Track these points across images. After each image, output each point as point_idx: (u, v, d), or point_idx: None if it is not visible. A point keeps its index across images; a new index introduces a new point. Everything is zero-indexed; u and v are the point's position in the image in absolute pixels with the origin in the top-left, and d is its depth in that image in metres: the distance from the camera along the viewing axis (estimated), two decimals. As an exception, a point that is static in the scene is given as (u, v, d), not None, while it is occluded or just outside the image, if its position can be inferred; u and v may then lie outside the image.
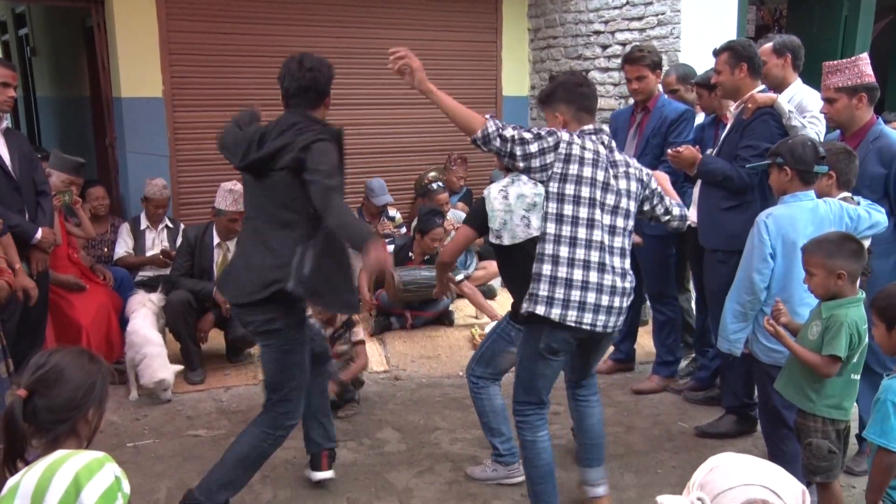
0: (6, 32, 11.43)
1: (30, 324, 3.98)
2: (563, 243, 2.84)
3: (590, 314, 2.86)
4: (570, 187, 2.83)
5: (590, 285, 2.84)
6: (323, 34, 6.78)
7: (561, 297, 2.83)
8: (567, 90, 3.00)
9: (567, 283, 2.83)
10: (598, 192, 2.85)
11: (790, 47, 4.10)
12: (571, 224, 2.84)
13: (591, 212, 2.84)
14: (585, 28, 7.01)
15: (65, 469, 1.56)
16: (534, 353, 2.97)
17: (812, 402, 2.82)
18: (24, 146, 4.03)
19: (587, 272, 2.84)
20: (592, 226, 2.84)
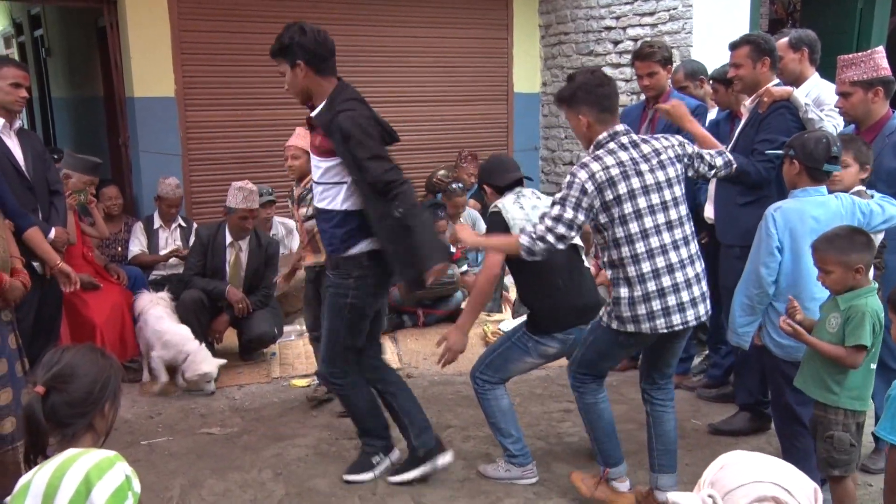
0: (22, 34, 11.52)
1: (44, 323, 4.01)
2: (635, 262, 2.92)
3: (676, 315, 2.95)
4: (615, 210, 2.90)
5: (667, 290, 2.93)
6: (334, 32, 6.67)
7: (645, 311, 2.94)
8: (588, 91, 2.98)
9: (645, 297, 2.93)
10: (641, 201, 2.90)
11: (807, 41, 4.07)
12: (638, 240, 2.91)
13: (642, 222, 2.91)
14: (597, 24, 6.98)
15: (76, 468, 1.57)
16: (611, 343, 3.09)
17: (835, 395, 2.81)
18: (38, 146, 4.06)
19: (660, 279, 2.93)
20: (650, 234, 2.92)
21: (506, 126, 7.77)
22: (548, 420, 4.18)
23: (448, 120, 7.43)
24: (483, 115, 7.67)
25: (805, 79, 4.06)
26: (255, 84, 6.32)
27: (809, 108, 3.70)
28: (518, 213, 3.42)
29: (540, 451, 3.76)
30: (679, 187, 3.00)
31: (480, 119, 7.66)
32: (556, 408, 4.33)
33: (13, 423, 3.09)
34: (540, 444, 3.87)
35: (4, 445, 3.10)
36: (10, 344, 3.17)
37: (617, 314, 2.99)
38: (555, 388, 4.51)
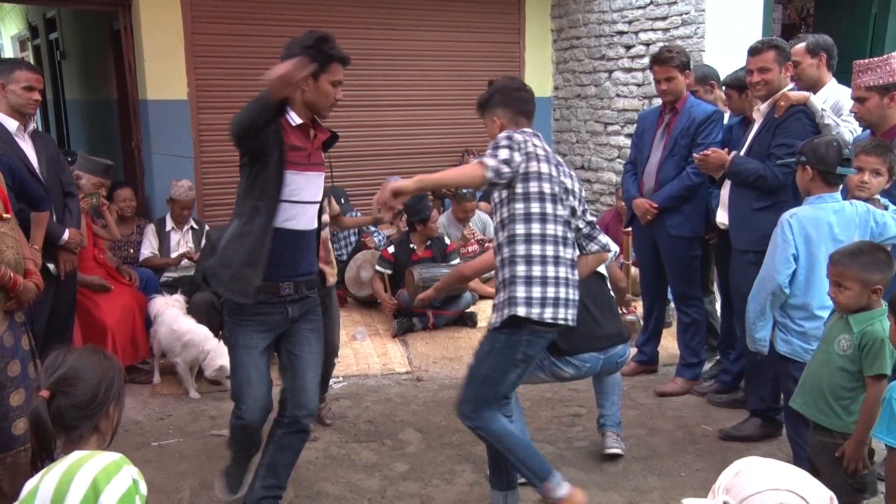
0: (37, 37, 11.62)
1: (57, 324, 4.03)
2: (534, 241, 2.85)
3: (562, 309, 2.88)
4: (533, 185, 2.84)
5: (559, 280, 2.86)
6: (346, 36, 6.79)
7: (539, 295, 2.83)
8: (505, 94, 3.02)
9: (542, 280, 2.84)
10: (554, 187, 2.88)
11: (824, 47, 4.07)
12: (539, 221, 2.85)
13: (554, 207, 2.88)
14: (609, 28, 6.97)
15: (83, 472, 1.58)
16: (508, 362, 2.91)
17: (842, 420, 2.71)
18: (51, 148, 4.08)
19: (553, 267, 2.86)
20: (555, 220, 2.88)
21: (517, 130, 7.76)
22: (557, 424, 4.17)
23: (460, 123, 7.44)
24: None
25: (823, 84, 4.05)
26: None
27: (826, 114, 3.69)
28: None
29: (549, 456, 3.74)
30: (575, 201, 2.98)
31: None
32: (565, 412, 4.32)
33: (25, 424, 3.11)
34: (549, 449, 3.86)
35: (17, 446, 3.12)
36: (24, 345, 3.18)
37: (511, 295, 2.85)
38: (564, 392, 4.50)
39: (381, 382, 4.80)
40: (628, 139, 6.41)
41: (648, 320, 4.81)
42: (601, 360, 3.42)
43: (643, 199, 4.47)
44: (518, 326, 2.86)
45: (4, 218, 3.12)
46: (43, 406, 1.70)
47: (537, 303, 2.82)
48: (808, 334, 3.10)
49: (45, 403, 1.71)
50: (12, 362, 3.09)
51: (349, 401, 4.50)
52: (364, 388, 4.71)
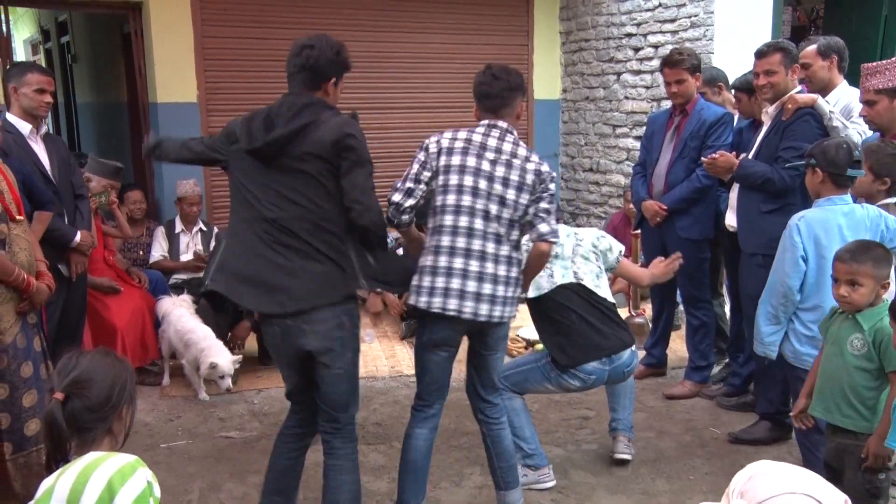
0: (49, 40, 11.69)
1: (68, 326, 4.06)
2: (438, 232, 2.89)
3: (454, 300, 2.84)
4: (441, 178, 2.91)
5: (454, 271, 2.84)
6: (355, 38, 6.81)
7: (428, 284, 2.86)
8: (474, 87, 3.05)
9: (433, 270, 2.86)
10: (467, 178, 2.87)
11: (836, 49, 4.05)
12: (442, 213, 2.89)
13: (459, 198, 2.87)
14: (617, 31, 6.97)
15: (98, 474, 1.59)
16: (420, 345, 3.06)
17: (868, 422, 2.68)
18: (62, 150, 4.11)
19: (452, 258, 2.85)
20: (459, 211, 2.86)
21: (526, 132, 7.77)
22: (566, 427, 4.17)
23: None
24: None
25: (834, 86, 4.04)
26: (276, 90, 6.25)
27: (834, 116, 3.69)
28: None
29: (558, 459, 3.75)
30: (514, 192, 2.88)
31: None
32: (574, 415, 4.32)
33: (38, 425, 3.13)
34: (558, 452, 3.86)
35: (29, 446, 3.15)
36: (36, 346, 3.21)
37: (414, 282, 2.93)
38: (573, 395, 4.48)
39: (389, 385, 4.81)
40: (637, 141, 6.40)
41: (657, 323, 4.80)
42: (607, 370, 3.44)
43: (652, 201, 4.47)
44: (424, 315, 2.94)
45: (17, 220, 3.16)
46: (57, 408, 1.71)
47: (425, 291, 2.87)
48: (818, 339, 3.08)
49: (60, 405, 1.72)
50: (25, 363, 3.12)
51: (358, 403, 4.50)
52: (372, 390, 4.72)
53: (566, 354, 3.40)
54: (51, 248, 3.68)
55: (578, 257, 3.50)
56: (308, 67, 2.81)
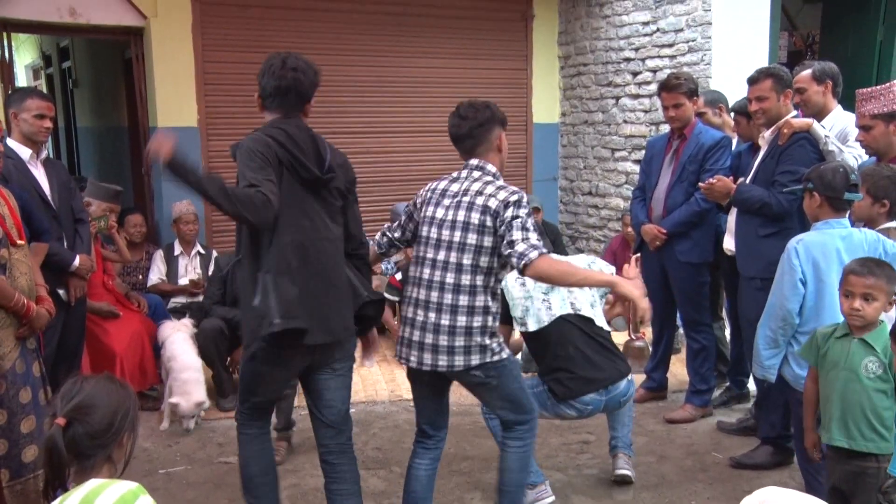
0: (51, 65, 11.76)
1: (67, 351, 4.04)
2: (409, 284, 2.96)
3: (405, 349, 2.93)
4: (419, 230, 2.97)
5: (407, 320, 2.91)
6: (354, 63, 6.88)
7: (402, 334, 2.95)
8: (449, 132, 3.05)
9: (402, 320, 2.96)
10: (429, 229, 2.91)
11: (830, 74, 4.09)
12: (413, 264, 2.97)
13: (422, 249, 2.91)
14: (616, 55, 7.02)
15: (100, 501, 1.58)
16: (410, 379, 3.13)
17: (888, 441, 2.66)
18: (63, 175, 4.12)
19: (409, 308, 2.91)
20: (419, 262, 2.92)
21: (525, 156, 7.80)
22: (566, 452, 4.14)
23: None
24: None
25: (828, 111, 4.07)
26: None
27: (829, 140, 3.71)
28: (518, 291, 3.46)
29: (559, 483, 3.73)
30: (466, 234, 2.81)
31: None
32: (574, 439, 4.29)
33: (35, 452, 3.11)
34: (559, 476, 3.84)
35: (26, 473, 3.12)
36: (34, 372, 3.20)
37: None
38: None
39: (389, 409, 4.79)
40: (636, 165, 6.43)
41: (657, 346, 4.79)
42: (603, 400, 3.48)
43: (652, 224, 4.48)
44: None
45: (18, 245, 3.15)
46: (59, 433, 1.70)
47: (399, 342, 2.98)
48: None
49: (61, 431, 1.71)
50: (23, 389, 3.10)
51: (357, 427, 4.46)
52: (372, 414, 4.70)
53: (564, 386, 3.43)
54: (50, 272, 3.67)
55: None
56: (294, 90, 2.85)
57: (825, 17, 7.29)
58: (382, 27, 7.00)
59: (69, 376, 1.86)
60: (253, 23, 6.50)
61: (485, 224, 2.79)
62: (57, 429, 1.70)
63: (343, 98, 6.81)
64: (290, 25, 6.62)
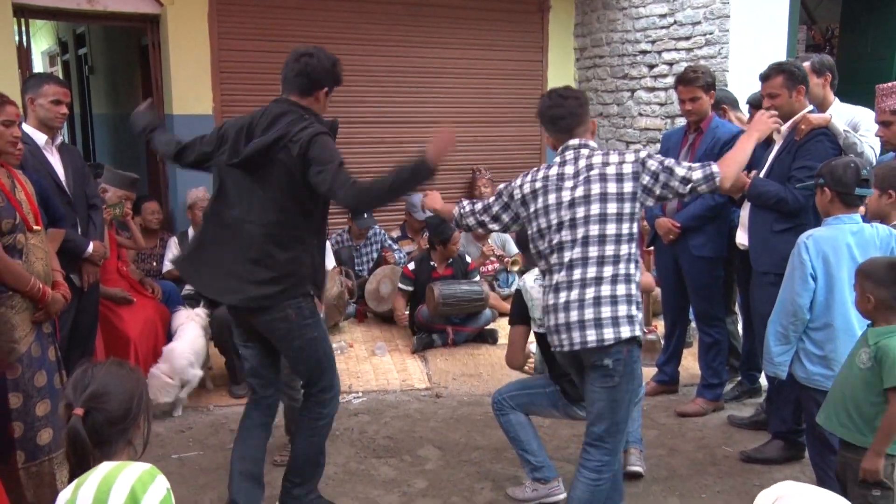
0: (67, 52, 11.81)
1: (80, 336, 4.07)
2: (546, 274, 2.94)
3: (555, 336, 2.88)
4: (534, 224, 2.93)
5: (554, 307, 2.85)
6: (369, 53, 6.88)
7: (549, 323, 2.90)
8: (541, 114, 3.04)
9: (547, 309, 2.90)
10: (558, 214, 2.85)
11: (829, 66, 4.11)
12: (543, 257, 2.92)
13: (556, 236, 2.86)
14: (632, 48, 6.98)
15: (120, 482, 1.60)
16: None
17: (864, 436, 2.67)
18: (77, 161, 4.14)
19: (554, 295, 2.86)
20: (557, 249, 2.86)
21: (538, 148, 7.78)
22: (577, 444, 4.13)
23: (481, 141, 7.47)
24: (516, 137, 7.70)
25: (829, 104, 4.07)
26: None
27: (849, 134, 3.68)
28: (537, 292, 3.46)
29: (569, 475, 3.71)
30: (599, 205, 2.80)
31: (513, 141, 7.69)
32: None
33: (50, 434, 3.14)
34: (570, 468, 3.83)
35: (41, 456, 3.15)
36: (50, 356, 3.23)
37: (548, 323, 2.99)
38: (584, 411, 4.48)
39: (400, 398, 4.81)
40: (650, 158, 6.39)
41: (669, 340, 4.78)
42: None
43: (666, 218, 4.47)
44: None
45: (34, 230, 3.18)
46: (79, 423, 1.71)
47: (550, 331, 2.94)
48: (829, 358, 3.06)
49: (81, 420, 1.72)
50: (39, 373, 3.13)
51: (368, 416, 4.50)
52: (383, 403, 4.72)
53: (576, 389, 3.42)
54: (63, 258, 3.69)
55: None
56: (305, 74, 3.03)
57: (844, 12, 7.23)
58: (398, 17, 7.00)
59: (82, 361, 1.88)
60: (269, 11, 6.52)
61: (623, 191, 2.81)
62: (76, 419, 1.72)
63: (357, 87, 6.81)
64: (305, 14, 6.63)
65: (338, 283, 5.75)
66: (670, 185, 2.81)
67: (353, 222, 6.48)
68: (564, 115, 2.96)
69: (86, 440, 1.71)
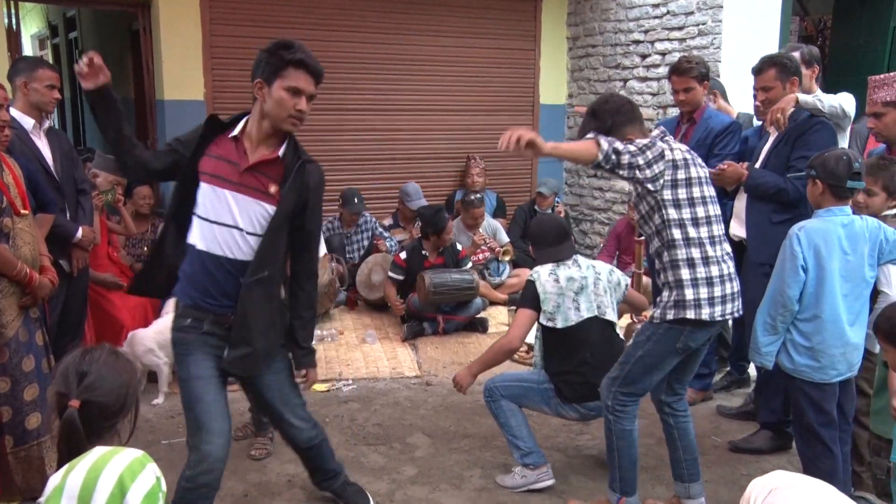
0: (57, 36, 11.72)
1: (69, 321, 4.06)
2: (693, 245, 2.94)
3: (720, 306, 2.95)
4: (682, 192, 2.92)
5: (716, 279, 2.94)
6: (362, 41, 6.85)
7: (706, 296, 2.93)
8: (621, 114, 3.01)
9: (708, 281, 2.94)
10: (702, 189, 2.96)
11: (816, 58, 4.16)
12: (693, 226, 2.94)
13: (706, 209, 2.96)
14: (625, 37, 6.97)
15: (109, 470, 1.59)
16: (666, 351, 3.02)
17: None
18: (66, 145, 4.11)
19: (713, 267, 2.94)
20: (709, 222, 2.96)
21: (531, 137, 7.77)
22: (567, 432, 4.16)
23: (473, 130, 7.46)
24: (508, 125, 7.61)
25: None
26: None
27: (819, 101, 3.74)
28: (551, 286, 3.46)
29: (558, 464, 3.75)
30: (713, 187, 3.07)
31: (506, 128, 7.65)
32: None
33: (39, 419, 3.14)
34: (558, 457, 3.85)
35: (30, 440, 3.15)
36: (38, 340, 3.21)
37: (678, 298, 2.94)
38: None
39: (390, 386, 4.81)
40: (642, 148, 6.39)
41: None
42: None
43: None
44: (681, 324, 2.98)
45: (22, 214, 3.16)
46: (76, 415, 1.70)
47: (706, 303, 2.94)
48: (816, 350, 3.07)
49: (76, 413, 1.71)
50: (27, 357, 3.12)
51: (358, 403, 4.51)
52: (373, 391, 4.72)
53: (573, 389, 3.48)
54: (52, 243, 3.67)
55: (600, 290, 3.55)
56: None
57: (837, 3, 7.23)
58: (391, 4, 6.97)
59: (72, 346, 1.86)
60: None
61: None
62: (73, 411, 1.71)
63: (349, 75, 6.78)
64: (297, 1, 6.58)
65: (329, 270, 5.75)
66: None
67: (344, 208, 6.46)
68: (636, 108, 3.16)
69: (81, 432, 1.70)
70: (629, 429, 3.12)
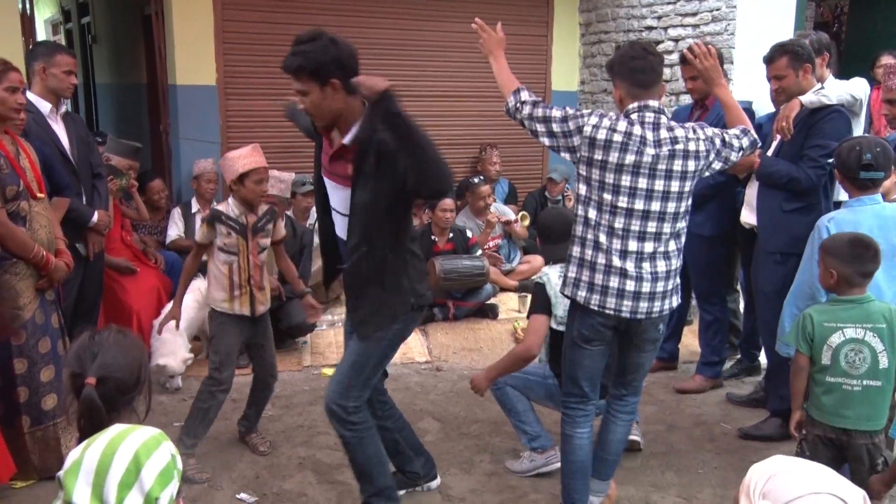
0: (70, 21, 11.74)
1: (85, 304, 4.10)
2: (589, 226, 2.83)
3: (613, 299, 2.82)
4: (596, 172, 2.79)
5: (613, 269, 2.80)
6: (374, 25, 6.83)
7: (586, 279, 2.84)
8: (621, 64, 2.89)
9: (591, 266, 2.83)
10: (633, 179, 2.76)
11: (826, 46, 4.11)
12: (596, 209, 2.81)
13: (616, 199, 2.77)
14: (638, 23, 6.93)
15: (125, 446, 1.62)
16: (570, 341, 2.99)
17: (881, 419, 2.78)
18: (81, 130, 4.13)
19: (611, 256, 2.80)
20: (624, 214, 2.78)
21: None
22: (576, 418, 4.18)
23: (485, 116, 7.43)
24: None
25: (824, 80, 4.05)
26: (295, 75, 6.36)
27: (822, 95, 3.68)
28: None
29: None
30: (684, 182, 2.81)
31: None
32: (584, 406, 4.32)
33: (55, 400, 3.18)
34: (567, 442, 3.87)
35: (47, 420, 3.19)
36: (53, 323, 3.25)
37: (567, 273, 2.91)
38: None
39: (400, 371, 4.84)
40: (654, 135, 6.36)
41: (670, 317, 4.78)
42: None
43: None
44: (574, 308, 2.97)
45: (38, 197, 3.19)
46: (94, 393, 1.73)
47: (584, 286, 2.86)
48: None
49: (94, 390, 1.74)
50: (42, 339, 3.16)
51: (369, 388, 4.53)
52: (384, 376, 4.74)
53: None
54: (68, 227, 3.71)
55: None
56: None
57: (854, -11, 7.16)
58: (402, -10, 6.94)
59: (81, 329, 1.89)
60: (273, -19, 6.46)
61: (698, 169, 2.85)
62: (90, 389, 1.74)
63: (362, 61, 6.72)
64: (309, -13, 6.57)
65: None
66: (730, 158, 2.93)
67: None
68: (647, 69, 2.84)
69: (101, 408, 1.73)
70: (568, 433, 3.04)
